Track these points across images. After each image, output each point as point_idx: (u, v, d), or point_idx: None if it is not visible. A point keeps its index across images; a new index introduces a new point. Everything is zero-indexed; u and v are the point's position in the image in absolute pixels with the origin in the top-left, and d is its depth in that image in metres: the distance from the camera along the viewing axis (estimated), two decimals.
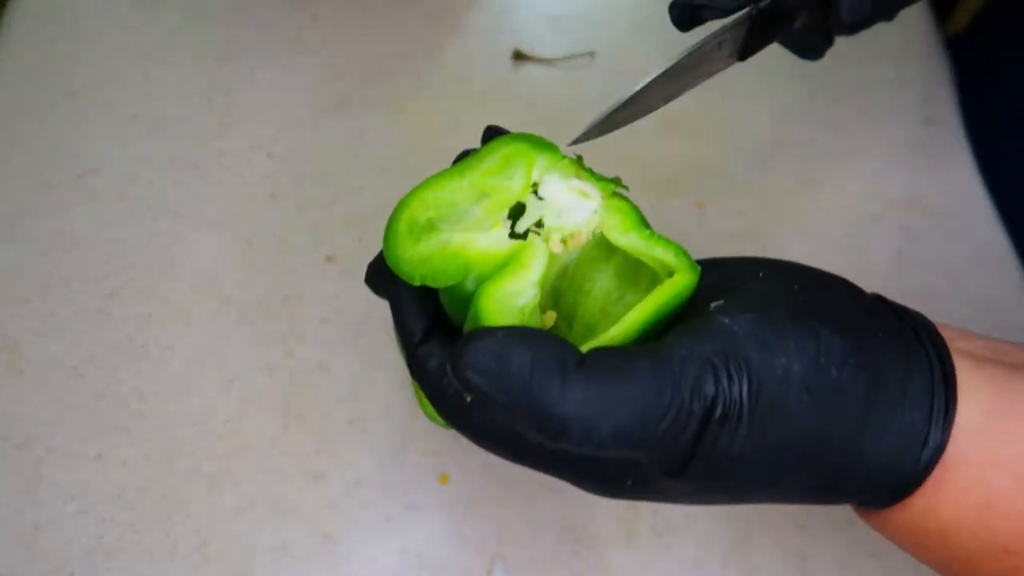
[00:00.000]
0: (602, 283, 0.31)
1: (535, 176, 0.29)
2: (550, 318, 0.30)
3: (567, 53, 0.55)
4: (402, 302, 0.29)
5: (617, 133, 0.33)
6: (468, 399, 0.25)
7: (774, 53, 0.36)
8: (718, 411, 0.24)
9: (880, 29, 0.39)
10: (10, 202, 0.49)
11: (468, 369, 0.23)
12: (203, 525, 0.40)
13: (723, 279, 0.28)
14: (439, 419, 0.39)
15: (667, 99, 0.32)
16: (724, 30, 0.33)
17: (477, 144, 0.32)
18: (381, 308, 0.46)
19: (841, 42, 0.39)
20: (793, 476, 0.26)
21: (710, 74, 0.33)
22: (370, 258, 0.48)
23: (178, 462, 0.42)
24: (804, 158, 0.52)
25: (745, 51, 0.33)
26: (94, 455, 0.42)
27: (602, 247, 0.31)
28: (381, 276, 0.30)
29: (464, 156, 0.30)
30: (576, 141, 0.30)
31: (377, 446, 0.42)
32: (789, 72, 0.55)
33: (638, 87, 0.30)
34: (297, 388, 0.44)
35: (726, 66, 0.33)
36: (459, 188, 0.29)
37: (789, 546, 0.41)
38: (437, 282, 0.28)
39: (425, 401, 0.40)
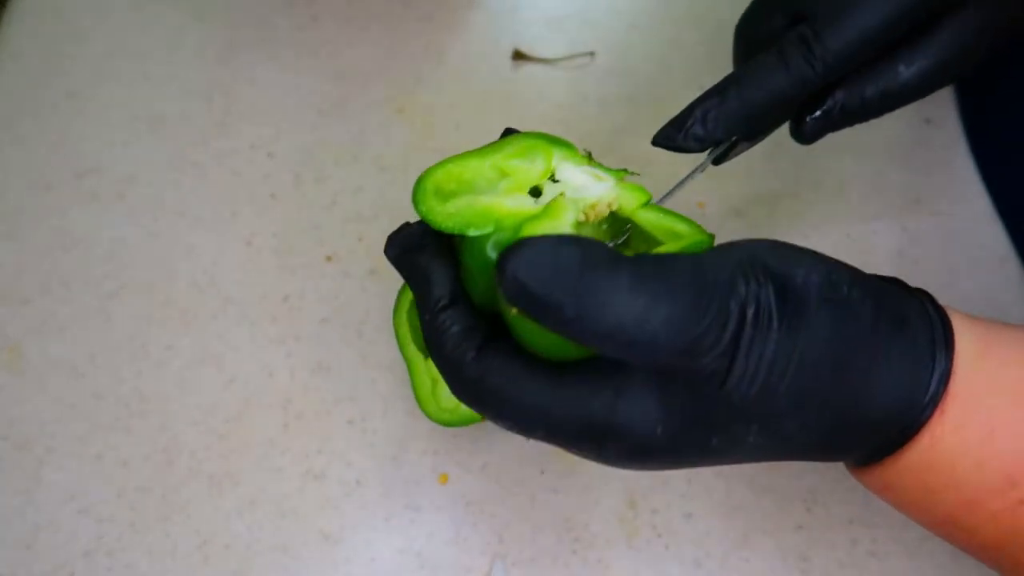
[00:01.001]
0: None
1: (553, 163, 0.31)
2: None
3: (567, 53, 0.55)
4: (429, 267, 0.29)
5: (617, 134, 0.34)
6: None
7: None
8: (750, 312, 0.25)
9: None
10: (10, 202, 0.49)
11: (520, 265, 0.23)
12: (203, 525, 0.40)
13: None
14: (439, 418, 0.39)
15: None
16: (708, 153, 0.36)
17: (478, 143, 0.32)
18: (381, 308, 0.46)
19: None
20: (816, 406, 0.26)
21: (690, 180, 0.38)
22: (370, 258, 0.48)
23: (178, 462, 0.42)
24: (804, 158, 0.52)
25: (719, 160, 0.37)
26: (94, 455, 0.42)
27: (610, 235, 0.32)
28: (403, 246, 0.30)
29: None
30: None
31: (377, 446, 0.42)
32: None
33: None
34: (297, 388, 0.44)
35: (702, 171, 0.38)
36: (481, 168, 0.30)
37: (789, 546, 0.41)
38: (470, 228, 0.28)
39: (425, 401, 0.40)
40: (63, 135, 0.51)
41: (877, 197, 0.51)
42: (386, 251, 0.31)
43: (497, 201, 0.29)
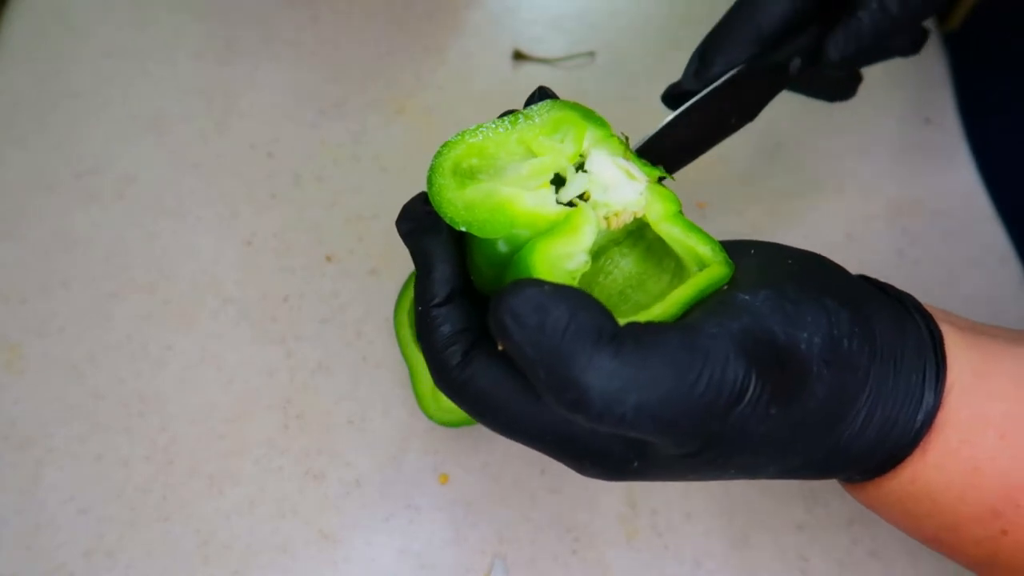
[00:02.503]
0: (625, 266, 0.30)
1: (585, 146, 0.28)
2: None
3: (567, 53, 0.55)
4: (434, 256, 0.28)
5: (617, 133, 0.33)
6: (499, 347, 0.24)
7: None
8: (749, 392, 0.24)
9: None
10: (10, 202, 0.49)
11: (507, 314, 0.23)
12: (203, 525, 0.40)
13: None
14: (439, 418, 0.39)
15: (681, 162, 0.33)
16: (720, 93, 0.34)
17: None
18: (381, 308, 0.46)
19: None
20: (804, 449, 0.26)
21: (721, 137, 0.35)
22: (370, 258, 0.48)
23: (178, 462, 0.42)
24: (804, 158, 0.52)
25: (752, 109, 0.35)
26: (94, 455, 0.42)
27: (630, 231, 0.30)
28: (415, 222, 0.28)
29: (509, 114, 0.29)
30: None
31: (377, 446, 0.42)
32: None
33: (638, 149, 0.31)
34: (297, 388, 0.44)
35: (737, 128, 0.35)
36: (506, 142, 0.28)
37: (789, 546, 0.41)
38: (482, 232, 0.27)
39: (425, 401, 0.40)
40: (63, 135, 0.51)
41: (877, 197, 0.51)
42: (398, 223, 0.29)
43: (517, 196, 0.27)
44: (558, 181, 0.28)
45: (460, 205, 0.27)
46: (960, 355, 0.27)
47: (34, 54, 0.54)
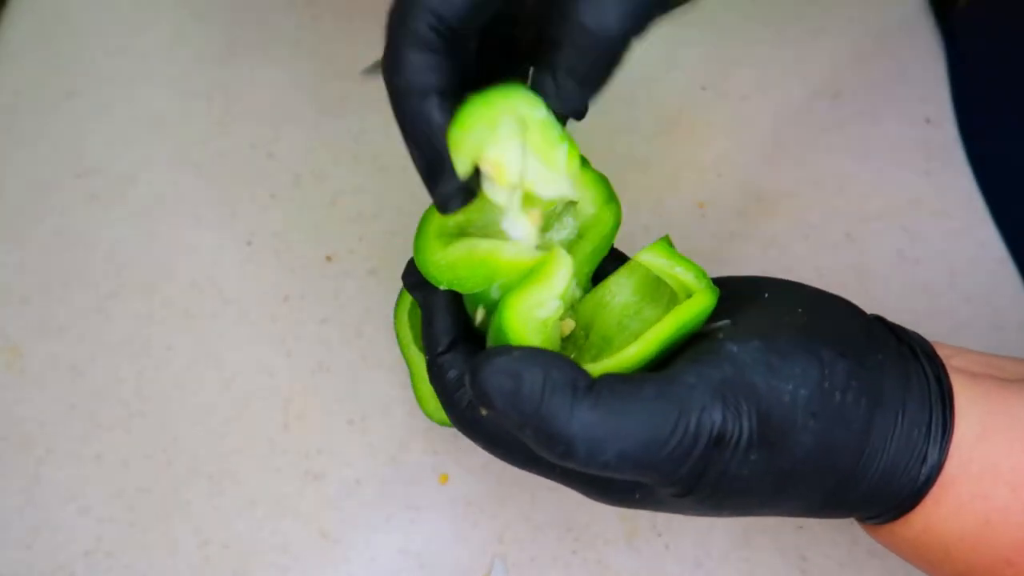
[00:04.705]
0: (622, 297, 0.31)
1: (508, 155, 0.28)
2: (568, 326, 0.30)
3: None
4: (433, 308, 0.30)
5: (617, 133, 0.33)
6: (483, 412, 0.26)
7: (776, 52, 0.36)
8: (727, 438, 0.25)
9: (879, 27, 0.39)
10: (10, 202, 0.49)
11: (484, 386, 0.24)
12: (203, 525, 0.40)
13: (730, 298, 0.29)
14: (439, 418, 0.39)
15: None
16: None
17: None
18: (381, 308, 0.46)
19: (840, 43, 0.39)
20: (797, 495, 0.27)
21: None
22: (370, 258, 0.48)
23: (178, 462, 0.42)
24: (804, 158, 0.52)
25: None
26: (94, 455, 0.42)
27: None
28: (416, 276, 0.30)
29: None
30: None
31: (377, 446, 0.42)
32: (789, 72, 0.55)
33: None
34: (297, 388, 0.44)
35: None
36: (486, 199, 0.29)
37: (789, 546, 0.41)
38: (463, 288, 0.28)
39: (425, 401, 0.40)
40: (63, 135, 0.51)
41: (877, 197, 0.51)
42: (403, 277, 0.32)
43: (496, 249, 0.28)
44: (550, 222, 0.30)
45: (443, 265, 0.28)
46: (969, 408, 0.27)
47: (34, 54, 0.54)
